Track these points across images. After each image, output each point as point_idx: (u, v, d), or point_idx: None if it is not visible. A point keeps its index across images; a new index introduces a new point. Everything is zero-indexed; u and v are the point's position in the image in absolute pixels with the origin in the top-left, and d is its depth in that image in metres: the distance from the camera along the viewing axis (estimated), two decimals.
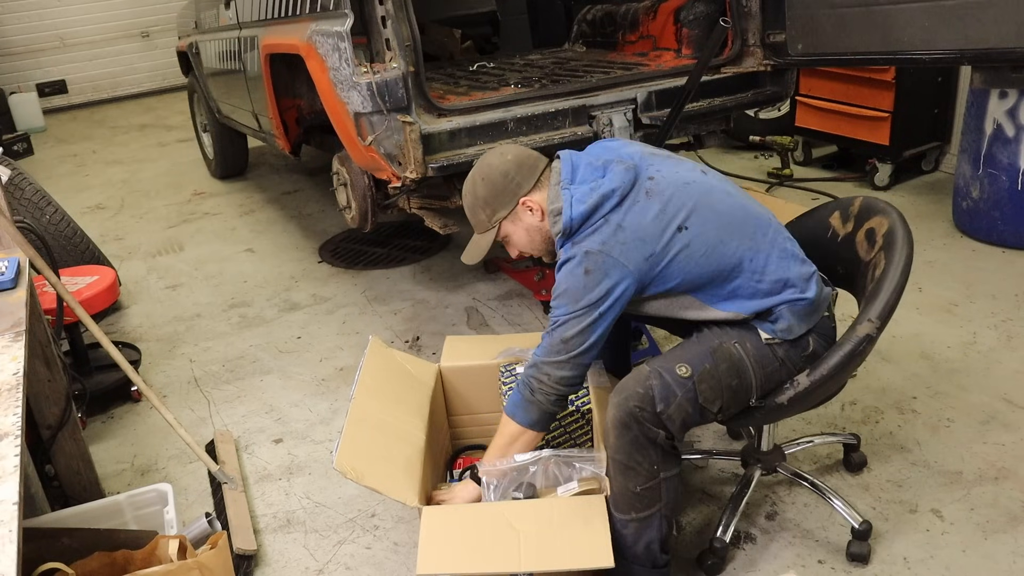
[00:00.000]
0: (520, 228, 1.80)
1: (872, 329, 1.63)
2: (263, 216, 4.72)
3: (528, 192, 1.76)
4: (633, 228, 1.63)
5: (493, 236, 1.83)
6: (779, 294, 1.68)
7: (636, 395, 1.61)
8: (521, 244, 1.84)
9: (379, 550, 2.04)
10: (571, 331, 1.63)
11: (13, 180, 3.33)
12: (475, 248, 1.91)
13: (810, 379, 1.68)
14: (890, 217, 1.78)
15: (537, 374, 1.68)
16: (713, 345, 1.67)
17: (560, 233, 1.69)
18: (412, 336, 3.10)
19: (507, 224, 1.81)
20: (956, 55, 2.25)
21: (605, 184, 1.66)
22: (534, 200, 1.75)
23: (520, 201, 1.76)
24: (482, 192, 1.79)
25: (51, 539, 1.63)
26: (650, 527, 1.67)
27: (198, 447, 2.21)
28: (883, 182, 4.16)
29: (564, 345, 1.64)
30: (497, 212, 1.79)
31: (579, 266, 1.62)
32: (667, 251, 1.63)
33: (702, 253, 1.65)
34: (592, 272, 1.61)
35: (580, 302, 1.61)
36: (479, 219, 1.83)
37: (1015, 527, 1.94)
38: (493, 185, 1.77)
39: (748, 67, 2.90)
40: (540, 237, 1.79)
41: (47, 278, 2.07)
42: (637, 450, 1.62)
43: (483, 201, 1.79)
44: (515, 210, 1.77)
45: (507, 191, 1.76)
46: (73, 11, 8.59)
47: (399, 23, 2.28)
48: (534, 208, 1.76)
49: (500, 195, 1.77)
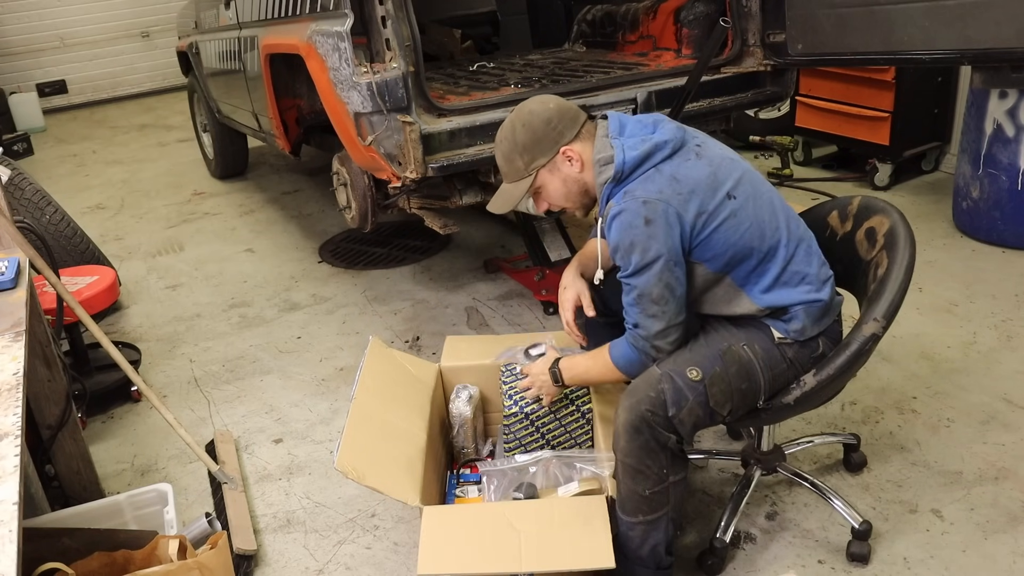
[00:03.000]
0: (557, 178, 1.75)
1: (878, 328, 1.64)
2: (263, 216, 4.72)
3: (570, 141, 1.71)
4: (686, 180, 1.61)
5: (528, 185, 1.76)
6: (796, 287, 1.67)
7: (648, 399, 1.60)
8: (555, 196, 1.78)
9: (379, 550, 2.04)
10: (654, 289, 1.59)
11: (13, 180, 3.33)
12: (506, 197, 1.83)
13: (816, 379, 1.68)
14: (891, 216, 1.79)
15: (653, 350, 1.65)
16: (722, 347, 1.67)
17: (610, 179, 1.65)
18: (412, 336, 3.10)
19: (544, 173, 1.74)
20: (956, 55, 2.25)
21: (657, 136, 1.64)
22: (575, 150, 1.70)
23: (561, 150, 1.71)
24: (522, 138, 1.72)
25: (51, 539, 1.63)
26: (657, 530, 1.67)
27: (198, 447, 2.21)
28: (883, 182, 4.16)
29: (655, 307, 1.60)
30: (536, 160, 1.73)
31: (638, 216, 1.57)
32: (717, 214, 1.61)
33: (746, 227, 1.63)
34: (653, 220, 1.56)
35: (648, 254, 1.57)
36: (515, 166, 1.76)
37: (1015, 527, 1.94)
38: (534, 131, 1.71)
39: (748, 67, 2.90)
40: (577, 189, 1.75)
41: (47, 278, 2.07)
42: (647, 454, 1.61)
43: (522, 147, 1.72)
44: (554, 159, 1.72)
45: (548, 138, 1.70)
46: (73, 11, 8.59)
47: (399, 23, 2.28)
48: (574, 158, 1.71)
49: (541, 142, 1.71)
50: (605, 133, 1.70)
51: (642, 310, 1.62)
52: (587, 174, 1.72)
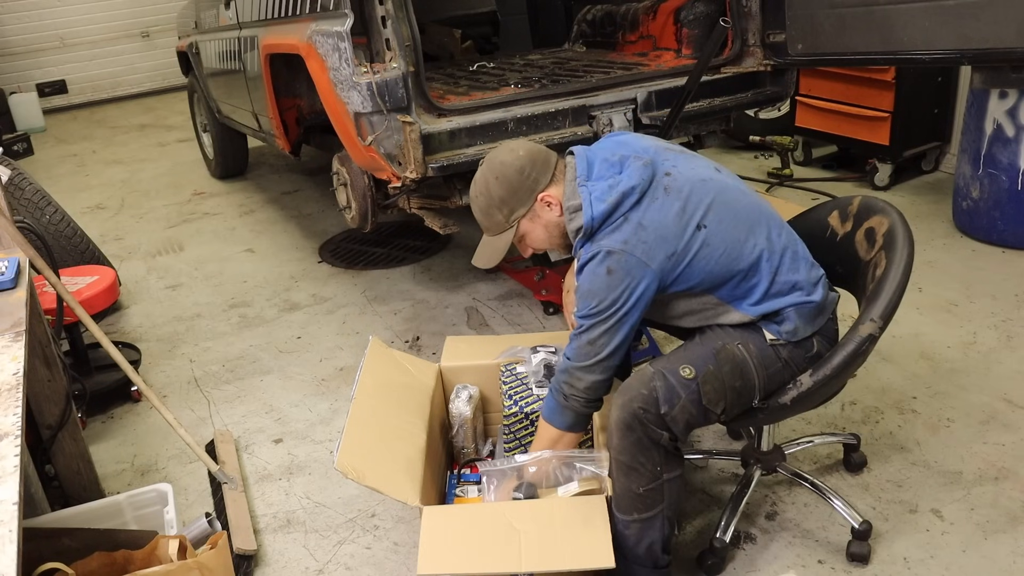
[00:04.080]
0: (539, 225, 1.75)
1: (875, 328, 1.64)
2: (263, 216, 4.72)
3: (545, 187, 1.71)
4: (654, 227, 1.61)
5: (511, 236, 1.77)
6: (787, 295, 1.68)
7: (640, 396, 1.61)
8: (539, 241, 1.79)
9: (379, 550, 2.04)
10: (596, 332, 1.60)
11: (13, 180, 3.33)
12: (490, 251, 1.83)
13: (813, 379, 1.68)
14: (890, 217, 1.78)
15: (568, 379, 1.66)
16: (716, 346, 1.67)
17: (580, 232, 1.66)
18: (412, 336, 3.10)
19: (525, 222, 1.75)
20: (956, 55, 2.25)
21: (624, 181, 1.63)
22: (552, 195, 1.71)
23: (538, 197, 1.71)
24: (497, 192, 1.72)
25: (51, 539, 1.63)
26: (652, 528, 1.67)
27: (198, 447, 2.21)
28: (883, 182, 4.16)
29: (591, 347, 1.62)
30: (515, 211, 1.73)
31: (601, 265, 1.59)
32: (688, 249, 1.61)
33: (721, 252, 1.63)
34: (615, 272, 1.58)
35: (603, 303, 1.59)
36: (495, 220, 1.76)
37: (1015, 527, 1.94)
38: (509, 183, 1.71)
39: (748, 67, 2.90)
40: (559, 232, 1.75)
41: (47, 278, 2.08)
42: (640, 451, 1.62)
43: (499, 201, 1.72)
44: (533, 207, 1.72)
45: (524, 188, 1.71)
46: (73, 11, 8.59)
47: (399, 23, 2.28)
48: (552, 203, 1.71)
49: (517, 193, 1.71)
50: (573, 177, 1.70)
51: (577, 346, 1.64)
52: (565, 217, 1.72)
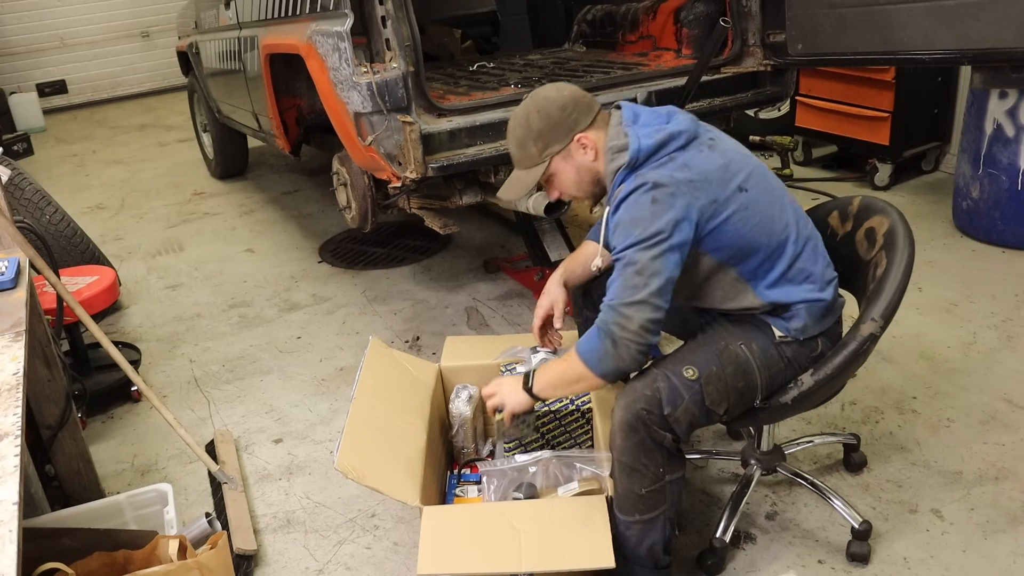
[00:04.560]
0: (571, 166, 1.73)
1: (876, 328, 1.64)
2: (263, 216, 4.72)
3: (584, 129, 1.69)
4: (699, 170, 1.61)
5: (540, 172, 1.74)
6: (800, 284, 1.68)
7: (643, 397, 1.60)
8: (567, 183, 1.77)
9: (379, 550, 2.04)
10: (643, 260, 1.54)
11: (13, 180, 3.33)
12: (517, 183, 1.81)
13: (814, 378, 1.68)
14: (890, 217, 1.79)
15: (619, 319, 1.54)
16: (719, 347, 1.67)
17: (624, 166, 1.63)
18: (412, 336, 3.10)
19: (558, 160, 1.73)
20: (956, 55, 2.25)
21: (671, 126, 1.64)
22: (589, 138, 1.69)
23: (575, 137, 1.69)
24: (536, 124, 1.70)
25: (51, 539, 1.63)
26: (654, 529, 1.67)
27: (198, 447, 2.21)
28: (883, 182, 4.16)
29: (639, 278, 1.54)
30: (550, 146, 1.71)
31: (645, 194, 1.56)
32: (728, 204, 1.61)
33: (756, 221, 1.63)
34: (659, 201, 1.55)
35: (648, 230, 1.54)
36: (528, 153, 1.74)
37: (1015, 527, 1.94)
38: (549, 118, 1.69)
39: (748, 67, 2.90)
40: (589, 177, 1.73)
41: (47, 278, 2.08)
42: (643, 453, 1.61)
43: (536, 134, 1.71)
44: (569, 146, 1.70)
45: (563, 125, 1.69)
46: (73, 11, 8.59)
47: (399, 23, 2.28)
48: (588, 146, 1.69)
49: (556, 128, 1.69)
50: (619, 122, 1.70)
51: (623, 281, 1.55)
52: (600, 163, 1.71)
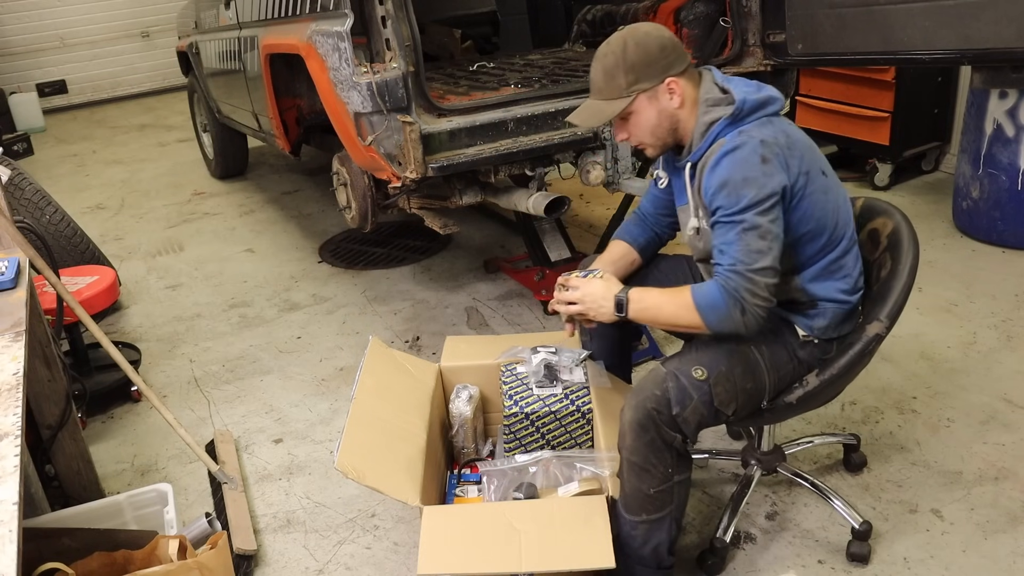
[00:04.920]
0: (654, 108, 1.67)
1: (882, 329, 1.65)
2: (263, 216, 4.72)
3: (676, 75, 1.65)
4: (795, 139, 1.61)
5: (624, 106, 1.67)
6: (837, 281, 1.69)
7: (653, 397, 1.60)
8: (644, 126, 1.70)
9: (379, 550, 2.04)
10: (764, 223, 1.53)
11: (13, 180, 3.33)
12: (594, 112, 1.72)
13: (819, 379, 1.69)
14: (894, 218, 1.79)
15: (750, 286, 1.53)
16: (729, 347, 1.66)
17: (725, 117, 1.61)
18: (412, 336, 3.10)
19: (643, 99, 1.66)
20: (956, 55, 2.25)
21: (767, 91, 1.63)
22: (679, 84, 1.65)
23: (667, 80, 1.64)
24: (632, 56, 1.63)
25: (51, 539, 1.62)
26: (660, 529, 1.67)
27: (198, 447, 2.21)
28: (883, 182, 4.16)
29: (762, 242, 1.53)
30: (640, 82, 1.64)
31: (755, 154, 1.54)
32: (812, 181, 1.61)
33: (831, 207, 1.65)
34: (769, 161, 1.54)
35: (764, 190, 1.52)
36: (615, 83, 1.66)
37: (1015, 527, 1.94)
38: (647, 51, 1.63)
39: (748, 67, 2.90)
40: (668, 125, 1.69)
41: (47, 278, 2.07)
42: (653, 452, 1.61)
43: (629, 65, 1.63)
44: (657, 88, 1.65)
45: (658, 64, 1.63)
46: (73, 11, 8.58)
47: (399, 23, 2.28)
48: (676, 91, 1.65)
49: (651, 65, 1.63)
50: (712, 79, 1.69)
51: (745, 245, 1.54)
52: (684, 112, 1.67)
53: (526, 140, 2.54)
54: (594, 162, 2.67)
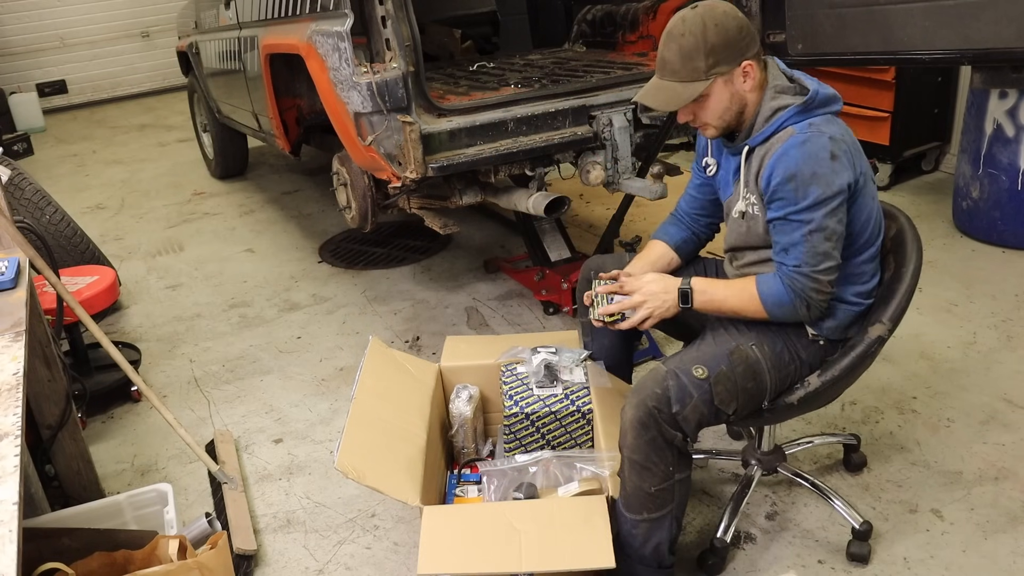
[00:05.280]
0: (727, 92, 1.63)
1: (884, 331, 1.66)
2: (263, 216, 4.72)
3: (751, 57, 1.62)
4: (854, 140, 1.63)
5: (702, 89, 1.62)
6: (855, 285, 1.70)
7: (654, 395, 1.60)
8: (715, 109, 1.65)
9: (379, 550, 2.04)
10: (830, 225, 1.55)
11: (13, 180, 3.32)
12: (672, 95, 1.65)
13: (821, 380, 1.69)
14: (898, 220, 1.80)
15: (816, 286, 1.59)
16: (730, 347, 1.67)
17: (798, 106, 1.59)
18: (412, 336, 3.10)
19: (719, 83, 1.62)
20: (956, 55, 2.24)
21: (831, 88, 1.64)
22: (753, 66, 1.62)
23: (743, 63, 1.61)
24: (713, 38, 1.58)
25: (51, 539, 1.62)
26: (661, 528, 1.67)
27: (198, 447, 2.21)
28: (883, 182, 4.16)
29: (828, 243, 1.56)
30: (720, 65, 1.60)
31: (825, 150, 1.53)
32: (866, 182, 1.63)
33: (875, 211, 1.68)
34: (838, 158, 1.54)
35: (831, 188, 1.53)
36: (693, 65, 1.60)
37: (1015, 527, 1.94)
38: (728, 34, 1.58)
39: None
40: (738, 107, 1.66)
41: (47, 278, 2.08)
42: (654, 451, 1.61)
43: (710, 48, 1.58)
44: (734, 71, 1.61)
45: (738, 46, 1.60)
46: (73, 11, 8.58)
47: (399, 23, 2.28)
48: (751, 75, 1.62)
49: (731, 48, 1.59)
50: (778, 66, 1.69)
51: (812, 247, 1.56)
52: (753, 95, 1.65)
53: (526, 140, 2.54)
54: (594, 162, 2.67)
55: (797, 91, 1.64)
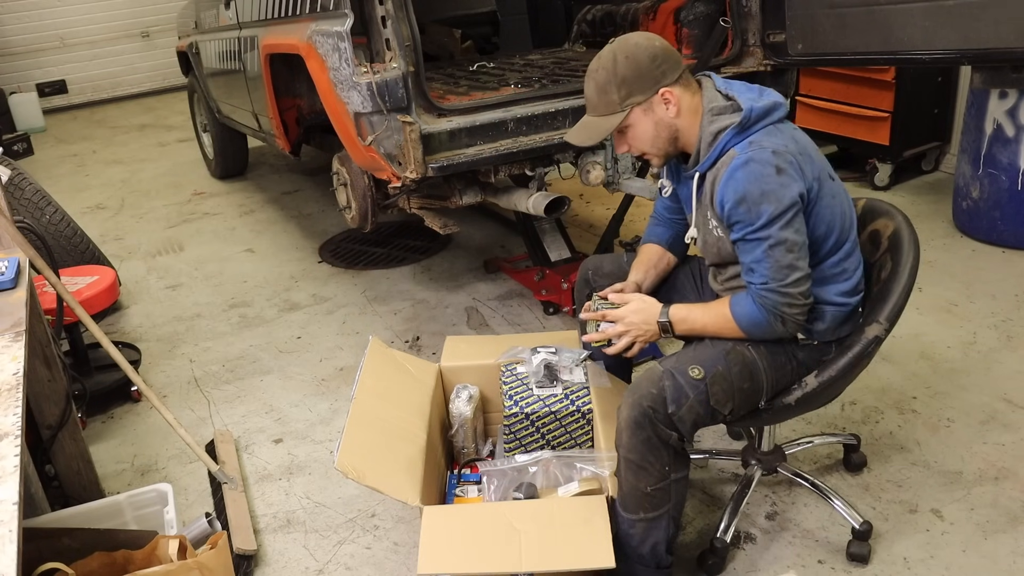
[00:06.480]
0: (650, 120, 1.67)
1: (881, 331, 1.65)
2: (263, 216, 4.72)
3: (670, 84, 1.64)
4: (803, 144, 1.62)
5: (619, 121, 1.67)
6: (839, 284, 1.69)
7: (649, 395, 1.60)
8: (642, 138, 1.70)
9: (379, 550, 2.04)
10: (789, 237, 1.54)
11: (13, 180, 3.32)
12: (593, 130, 1.72)
13: (818, 380, 1.69)
14: (895, 219, 1.79)
15: (788, 300, 1.58)
16: (726, 347, 1.67)
17: (733, 126, 1.60)
18: (412, 336, 3.10)
19: (638, 112, 1.66)
20: (956, 55, 2.25)
21: (770, 96, 1.63)
22: (674, 93, 1.64)
23: (660, 91, 1.63)
24: (623, 70, 1.62)
25: (51, 539, 1.62)
26: (658, 528, 1.67)
27: (198, 447, 2.21)
28: (883, 182, 4.16)
29: (791, 255, 1.55)
30: (633, 95, 1.64)
31: (768, 166, 1.53)
32: (823, 185, 1.62)
33: (839, 211, 1.66)
34: (785, 171, 1.53)
35: (783, 202, 1.53)
36: (609, 99, 1.66)
37: (1015, 527, 1.94)
38: (638, 65, 1.62)
39: (748, 67, 2.90)
40: (667, 134, 1.68)
41: (47, 278, 2.08)
42: (650, 450, 1.61)
43: (621, 79, 1.63)
44: (652, 99, 1.64)
45: (650, 76, 1.63)
46: (73, 11, 8.58)
47: (399, 23, 2.28)
48: (672, 101, 1.64)
49: (642, 77, 1.63)
50: (713, 86, 1.68)
51: (775, 262, 1.56)
52: (682, 121, 1.67)
53: (526, 140, 2.54)
54: (594, 162, 2.67)
55: (735, 109, 1.63)
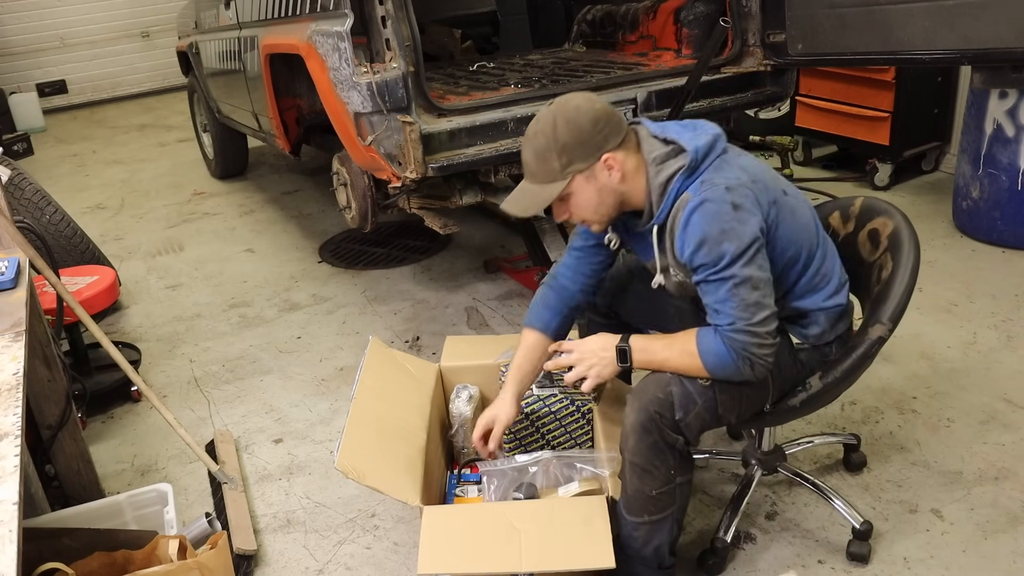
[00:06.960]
0: (592, 187, 1.58)
1: (884, 331, 1.65)
2: (263, 216, 4.72)
3: (613, 149, 1.56)
4: (753, 170, 1.57)
5: (559, 190, 1.58)
6: (822, 291, 1.68)
7: (656, 400, 1.59)
8: (584, 206, 1.62)
9: (379, 550, 2.04)
10: (755, 274, 1.49)
11: (13, 180, 3.33)
12: (532, 199, 1.63)
13: (823, 382, 1.69)
14: (894, 218, 1.79)
15: (756, 340, 1.50)
16: None
17: (682, 169, 1.54)
18: (412, 336, 3.10)
19: (580, 179, 1.57)
20: (956, 55, 2.25)
21: (707, 129, 1.58)
22: (617, 159, 1.56)
23: (603, 157, 1.56)
24: (564, 136, 1.54)
25: (51, 539, 1.63)
26: (661, 530, 1.67)
27: (198, 447, 2.21)
28: (883, 182, 4.16)
29: (756, 292, 1.49)
30: (575, 163, 1.56)
31: (723, 204, 1.48)
32: (781, 206, 1.57)
33: (802, 224, 1.63)
34: (741, 206, 1.48)
35: (744, 239, 1.47)
36: (549, 167, 1.57)
37: (1015, 527, 1.94)
38: (579, 131, 1.54)
39: (748, 67, 2.90)
40: (612, 200, 1.61)
41: (47, 278, 2.08)
42: (656, 454, 1.61)
43: (561, 147, 1.55)
44: (594, 166, 1.56)
45: (592, 142, 1.55)
46: (73, 11, 8.58)
47: (399, 23, 2.28)
48: (615, 167, 1.56)
49: (584, 144, 1.55)
50: (650, 134, 1.62)
51: (740, 301, 1.49)
52: (628, 185, 1.60)
53: None
54: None
55: (677, 152, 1.57)
